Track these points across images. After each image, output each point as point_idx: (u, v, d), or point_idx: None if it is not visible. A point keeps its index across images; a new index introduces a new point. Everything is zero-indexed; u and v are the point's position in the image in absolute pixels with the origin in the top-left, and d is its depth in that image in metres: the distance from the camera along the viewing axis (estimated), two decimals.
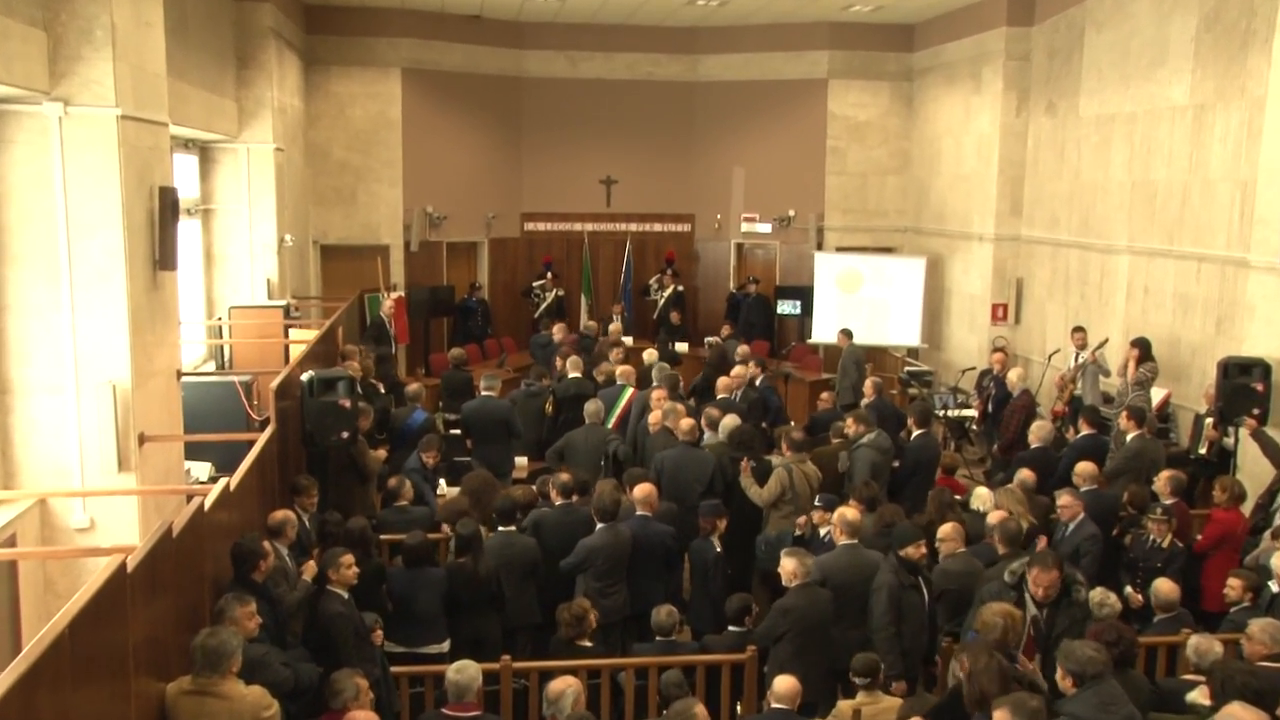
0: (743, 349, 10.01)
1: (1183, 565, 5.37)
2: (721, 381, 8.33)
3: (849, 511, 5.19)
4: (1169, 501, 5.73)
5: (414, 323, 12.62)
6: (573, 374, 8.61)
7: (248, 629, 3.81)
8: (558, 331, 10.88)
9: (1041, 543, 5.34)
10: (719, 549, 5.58)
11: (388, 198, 12.52)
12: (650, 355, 9.61)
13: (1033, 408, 8.18)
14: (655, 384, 7.87)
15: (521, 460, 8.17)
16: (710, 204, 14.63)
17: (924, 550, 4.77)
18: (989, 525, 5.30)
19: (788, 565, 4.72)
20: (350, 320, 10.89)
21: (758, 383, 8.54)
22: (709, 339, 12.25)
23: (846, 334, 10.59)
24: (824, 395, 9.27)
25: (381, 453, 6.99)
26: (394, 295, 11.89)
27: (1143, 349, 7.64)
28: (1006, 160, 11.03)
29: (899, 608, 4.68)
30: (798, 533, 5.70)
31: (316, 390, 6.10)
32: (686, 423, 6.67)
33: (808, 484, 6.37)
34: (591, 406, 7.10)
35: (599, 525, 5.44)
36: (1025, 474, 6.21)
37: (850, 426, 6.93)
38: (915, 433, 7.10)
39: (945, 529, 5.20)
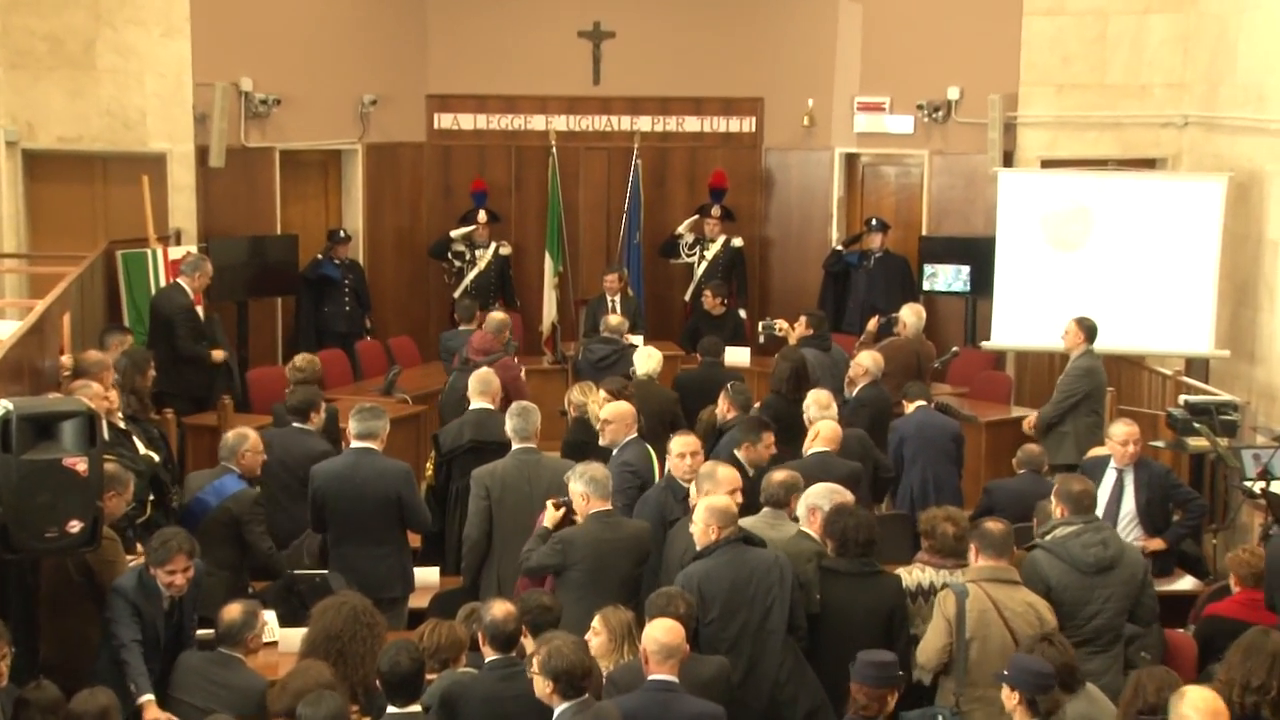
0: (871, 357, 9.90)
1: None
2: (826, 427, 8.29)
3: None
4: None
5: (218, 306, 12.45)
6: (478, 402, 8.71)
7: None
8: (489, 325, 10.78)
9: None
10: None
11: (160, 62, 12.34)
12: (649, 359, 9.96)
13: None
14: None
15: (429, 574, 8.18)
16: (794, 80, 14.57)
17: None
18: None
19: None
20: (88, 299, 10.73)
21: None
22: (764, 324, 12.25)
23: (1086, 327, 10.42)
24: (1030, 446, 9.16)
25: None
26: (177, 254, 11.79)
27: None
28: None
29: None
30: None
31: (17, 441, 6.01)
32: (721, 503, 6.63)
33: (1006, 629, 6.21)
34: (597, 474, 7.01)
35: (560, 707, 5.44)
36: None
37: (1057, 507, 6.99)
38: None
39: None
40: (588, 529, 6.95)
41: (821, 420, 8.45)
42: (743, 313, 13.70)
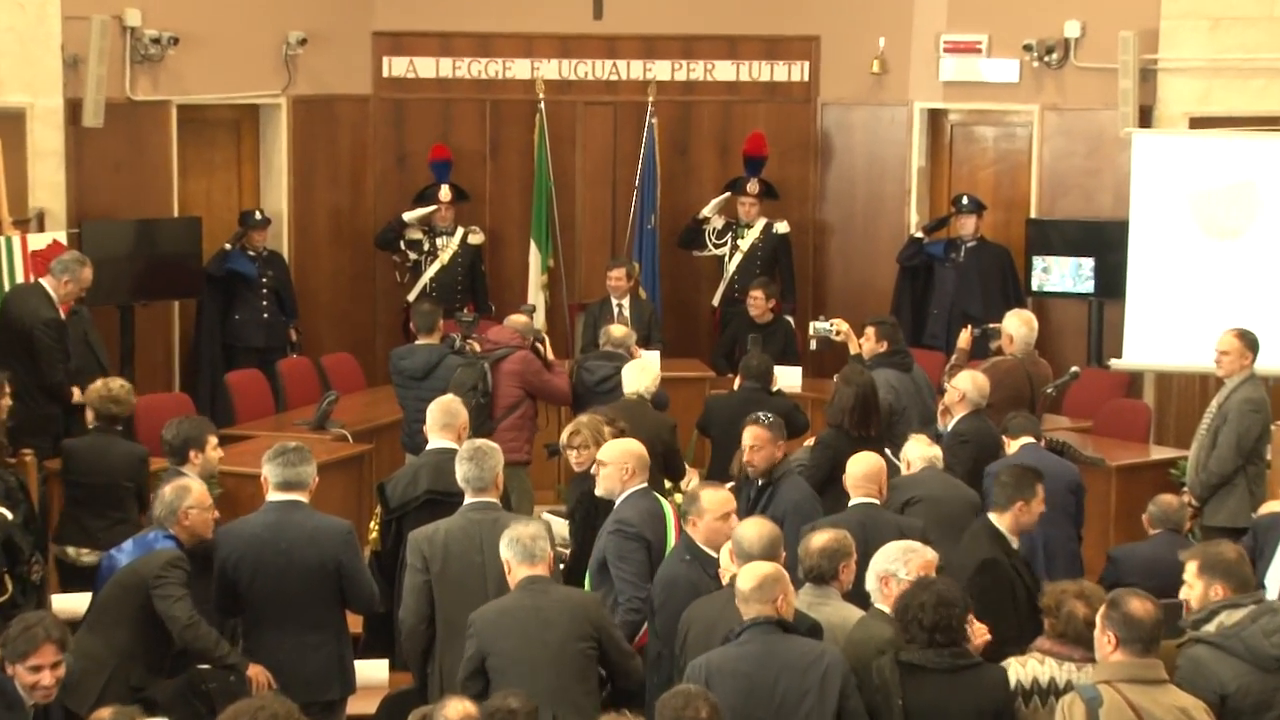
0: (972, 379, 9.94)
1: None
2: (860, 468, 8.29)
3: None
4: None
5: (99, 311, 12.41)
6: (438, 439, 8.77)
7: None
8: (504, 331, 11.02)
9: None
10: None
11: None
12: (642, 374, 10.19)
13: None
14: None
15: (374, 669, 8.21)
16: (859, 12, 14.64)
17: None
18: None
19: None
20: None
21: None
22: (817, 326, 12.02)
23: (1251, 343, 10.35)
24: (1167, 498, 9.10)
25: None
26: (39, 244, 11.75)
27: None
28: None
29: None
30: None
31: None
32: (761, 580, 6.51)
33: None
34: (522, 534, 7.06)
35: None
36: None
37: (1208, 589, 6.85)
38: None
39: None
40: (502, 601, 7.04)
41: (859, 457, 8.41)
42: (789, 319, 13.71)
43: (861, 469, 8.30)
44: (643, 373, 10.04)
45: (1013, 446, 9.48)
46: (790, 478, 8.66)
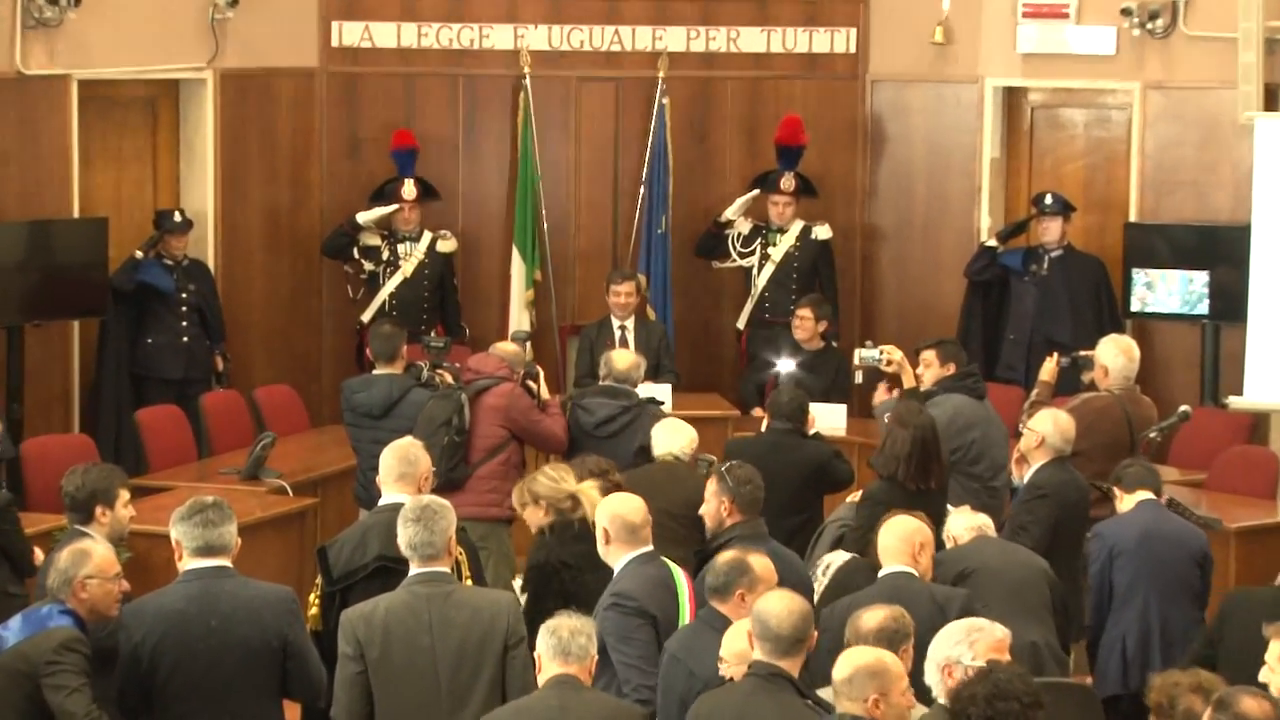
0: (1053, 419, 9.86)
1: None
2: (892, 533, 8.29)
3: None
4: None
5: None
6: (392, 494, 8.73)
7: None
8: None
9: None
10: None
11: None
12: (675, 434, 10.40)
13: None
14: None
15: None
16: None
17: None
18: None
19: None
20: None
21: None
22: (863, 353, 12.01)
23: None
24: None
25: None
26: None
27: None
28: None
29: None
30: None
31: None
32: (853, 673, 6.45)
33: None
34: (562, 628, 6.96)
35: None
36: None
37: None
38: None
39: None
40: (520, 701, 7.02)
41: (892, 521, 8.32)
42: (834, 345, 13.73)
43: (895, 532, 8.22)
44: (676, 434, 10.07)
45: (1127, 502, 9.45)
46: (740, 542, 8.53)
